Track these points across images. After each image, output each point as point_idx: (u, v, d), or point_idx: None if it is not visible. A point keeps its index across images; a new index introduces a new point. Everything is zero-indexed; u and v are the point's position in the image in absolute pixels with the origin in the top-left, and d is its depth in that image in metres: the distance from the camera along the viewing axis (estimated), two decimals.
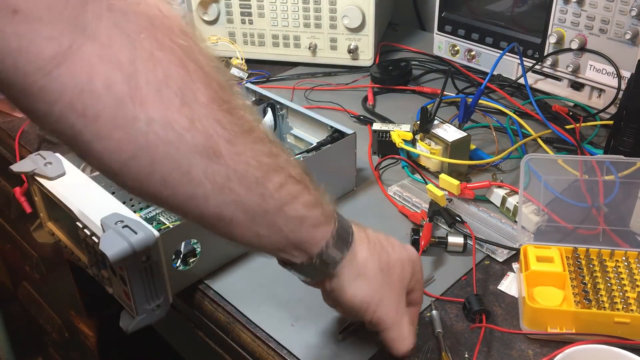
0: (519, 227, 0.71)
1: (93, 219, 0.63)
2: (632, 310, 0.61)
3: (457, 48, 1.15)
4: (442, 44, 1.17)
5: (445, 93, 0.93)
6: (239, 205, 0.46)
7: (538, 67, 1.04)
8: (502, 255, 0.73)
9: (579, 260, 0.67)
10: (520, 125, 0.91)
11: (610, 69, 0.95)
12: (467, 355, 0.61)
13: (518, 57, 0.95)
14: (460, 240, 0.73)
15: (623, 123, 0.77)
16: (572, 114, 0.97)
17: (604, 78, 0.96)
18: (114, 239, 0.59)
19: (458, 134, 0.84)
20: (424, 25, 1.43)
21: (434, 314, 0.65)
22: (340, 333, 0.63)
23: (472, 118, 0.92)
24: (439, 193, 0.76)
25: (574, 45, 0.96)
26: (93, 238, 0.63)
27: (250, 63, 1.19)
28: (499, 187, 0.80)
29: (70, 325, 1.30)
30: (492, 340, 0.62)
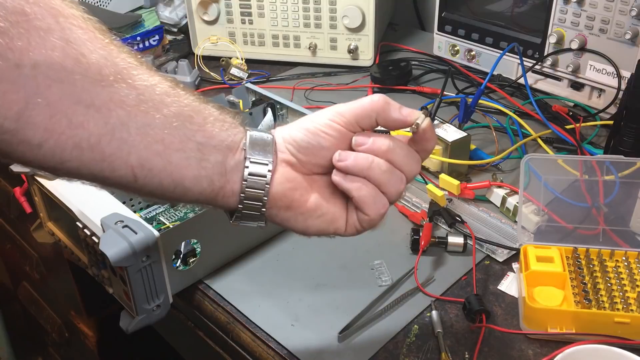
0: (519, 227, 0.71)
1: (93, 219, 0.64)
2: (632, 310, 0.61)
3: (457, 48, 1.15)
4: (442, 44, 1.17)
5: (445, 93, 0.93)
6: (163, 119, 0.45)
7: (538, 67, 1.04)
8: (502, 255, 0.73)
9: (579, 260, 0.67)
10: (520, 125, 0.91)
11: (610, 69, 0.95)
12: (467, 355, 0.61)
13: (518, 57, 0.95)
14: (460, 240, 0.73)
15: (623, 123, 0.77)
16: (572, 114, 0.97)
17: (604, 78, 0.96)
18: (114, 239, 0.59)
19: (458, 134, 0.84)
20: (424, 25, 1.43)
21: (434, 314, 0.65)
22: (340, 333, 0.63)
23: (472, 118, 0.92)
24: (439, 193, 0.76)
25: (574, 45, 0.96)
26: (93, 238, 0.63)
27: (250, 63, 1.19)
28: (499, 187, 0.80)
29: (70, 325, 1.30)
30: (492, 340, 0.62)
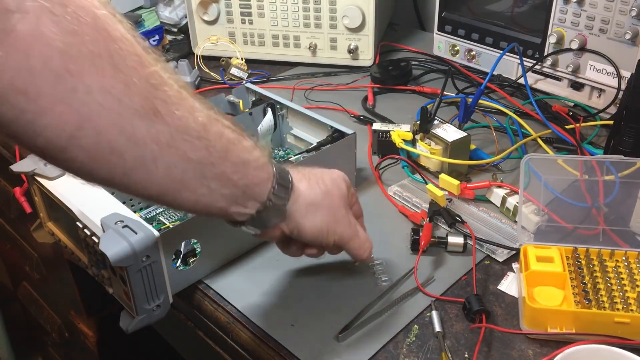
0: (519, 227, 0.71)
1: (93, 219, 0.64)
2: (632, 310, 0.61)
3: (457, 48, 1.15)
4: (442, 44, 1.17)
5: (445, 93, 0.93)
6: (187, 163, 0.48)
7: (538, 67, 1.04)
8: (502, 255, 0.73)
9: (579, 260, 0.67)
10: (520, 125, 0.91)
11: (610, 69, 0.95)
12: (467, 355, 0.61)
13: (518, 57, 0.95)
14: (460, 240, 0.73)
15: (623, 123, 0.77)
16: (572, 114, 0.97)
17: (604, 78, 0.96)
18: (114, 239, 0.59)
19: (458, 134, 0.84)
20: (424, 25, 1.43)
21: (434, 314, 0.65)
22: (340, 333, 0.63)
23: (472, 118, 0.92)
24: (439, 193, 0.76)
25: (574, 45, 0.96)
26: (93, 238, 0.63)
27: (250, 63, 1.19)
28: (499, 187, 0.80)
29: (70, 325, 1.30)
30: (492, 340, 0.62)
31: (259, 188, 0.54)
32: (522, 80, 0.97)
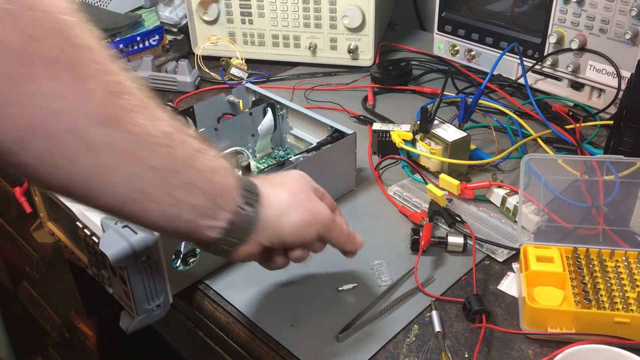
0: (519, 227, 0.71)
1: (93, 219, 0.64)
2: (632, 310, 0.61)
3: (457, 48, 1.15)
4: (442, 44, 1.17)
5: (445, 93, 0.93)
6: (149, 171, 0.46)
7: (538, 67, 1.04)
8: (502, 255, 0.73)
9: (579, 260, 0.67)
10: (520, 125, 0.91)
11: (610, 69, 0.95)
12: (467, 355, 0.61)
13: (518, 57, 0.95)
14: (460, 240, 0.73)
15: (623, 123, 0.77)
16: (572, 114, 0.97)
17: (604, 78, 0.96)
18: (114, 239, 0.59)
19: (458, 134, 0.84)
20: (424, 25, 1.43)
21: (434, 314, 0.65)
22: (340, 333, 0.63)
23: (472, 118, 0.92)
24: (439, 193, 0.76)
25: (574, 45, 0.96)
26: (93, 238, 0.64)
27: (250, 63, 1.19)
28: (499, 187, 0.80)
29: (70, 325, 1.30)
30: (492, 340, 0.62)
31: (228, 195, 0.51)
32: (522, 80, 0.97)
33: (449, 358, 0.60)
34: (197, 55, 1.21)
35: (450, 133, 0.84)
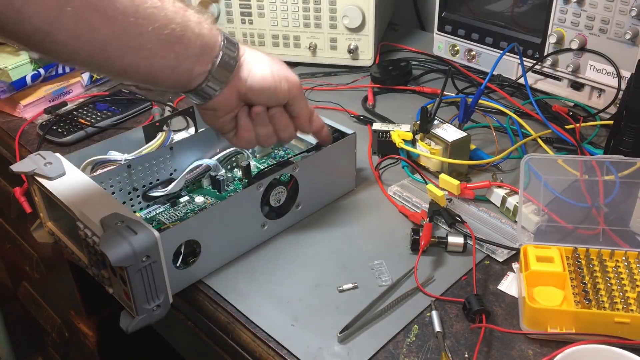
0: (519, 227, 0.71)
1: (93, 219, 0.63)
2: (632, 310, 0.61)
3: (457, 48, 1.15)
4: (442, 44, 1.17)
5: (445, 93, 0.93)
6: (152, 30, 0.56)
7: (538, 67, 1.04)
8: (502, 255, 0.73)
9: (579, 260, 0.67)
10: (520, 125, 0.91)
11: (610, 69, 0.95)
12: (467, 355, 0.61)
13: (518, 57, 0.95)
14: (460, 240, 0.73)
15: (623, 123, 0.77)
16: (572, 114, 0.97)
17: (604, 78, 0.96)
18: (114, 239, 0.59)
19: (458, 134, 0.84)
20: (424, 25, 1.43)
21: (434, 314, 0.65)
22: (340, 333, 0.63)
23: (472, 118, 0.92)
24: (439, 193, 0.76)
25: (574, 45, 0.96)
26: (93, 238, 0.63)
27: None
28: (499, 187, 0.80)
29: (70, 325, 1.30)
30: (492, 340, 0.62)
31: (215, 43, 0.61)
32: (522, 80, 0.97)
33: (449, 358, 0.60)
34: None
35: (450, 133, 0.84)
